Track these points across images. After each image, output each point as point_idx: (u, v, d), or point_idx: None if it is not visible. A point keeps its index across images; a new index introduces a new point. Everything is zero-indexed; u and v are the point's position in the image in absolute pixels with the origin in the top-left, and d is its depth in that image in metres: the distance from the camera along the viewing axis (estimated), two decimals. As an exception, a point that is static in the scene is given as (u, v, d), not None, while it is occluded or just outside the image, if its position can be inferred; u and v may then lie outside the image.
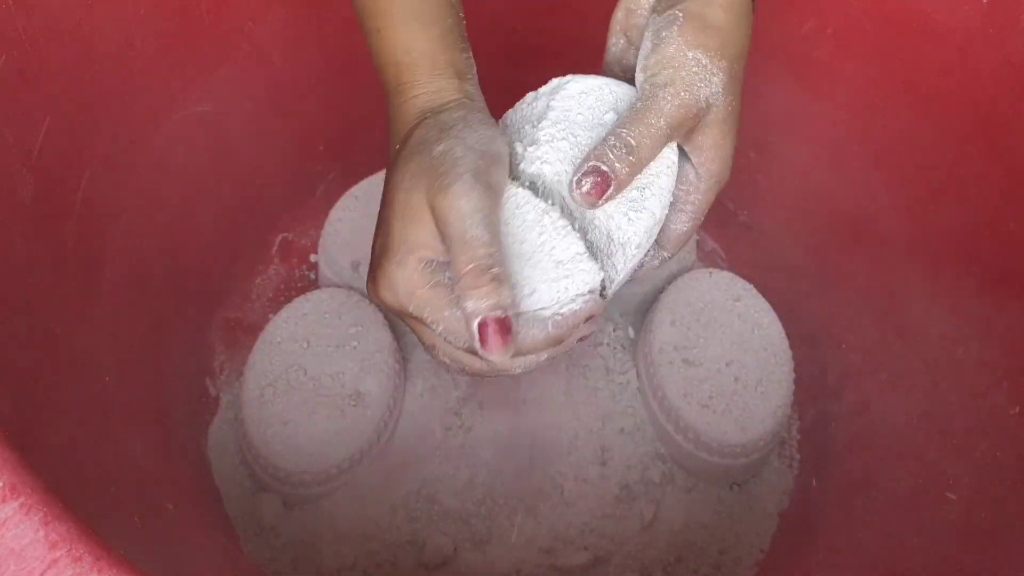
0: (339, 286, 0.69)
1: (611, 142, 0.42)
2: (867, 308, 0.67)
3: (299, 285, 0.75)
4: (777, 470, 0.68)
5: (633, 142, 0.41)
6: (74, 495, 0.33)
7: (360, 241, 0.69)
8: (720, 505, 0.65)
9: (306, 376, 0.63)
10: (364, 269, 0.68)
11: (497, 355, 0.39)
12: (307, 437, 0.61)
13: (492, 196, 0.40)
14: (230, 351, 0.71)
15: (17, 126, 0.48)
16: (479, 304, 0.39)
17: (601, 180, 0.41)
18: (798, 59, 0.66)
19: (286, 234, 0.78)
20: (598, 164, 0.41)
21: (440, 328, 0.41)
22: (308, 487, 0.62)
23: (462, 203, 0.39)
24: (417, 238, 0.40)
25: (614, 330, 0.72)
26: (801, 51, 0.65)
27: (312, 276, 0.76)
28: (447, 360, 0.43)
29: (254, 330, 0.72)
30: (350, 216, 0.70)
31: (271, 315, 0.70)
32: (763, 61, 0.67)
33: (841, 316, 0.69)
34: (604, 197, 0.42)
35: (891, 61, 0.60)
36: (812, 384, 0.71)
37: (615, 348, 0.71)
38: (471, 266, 0.39)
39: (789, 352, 0.66)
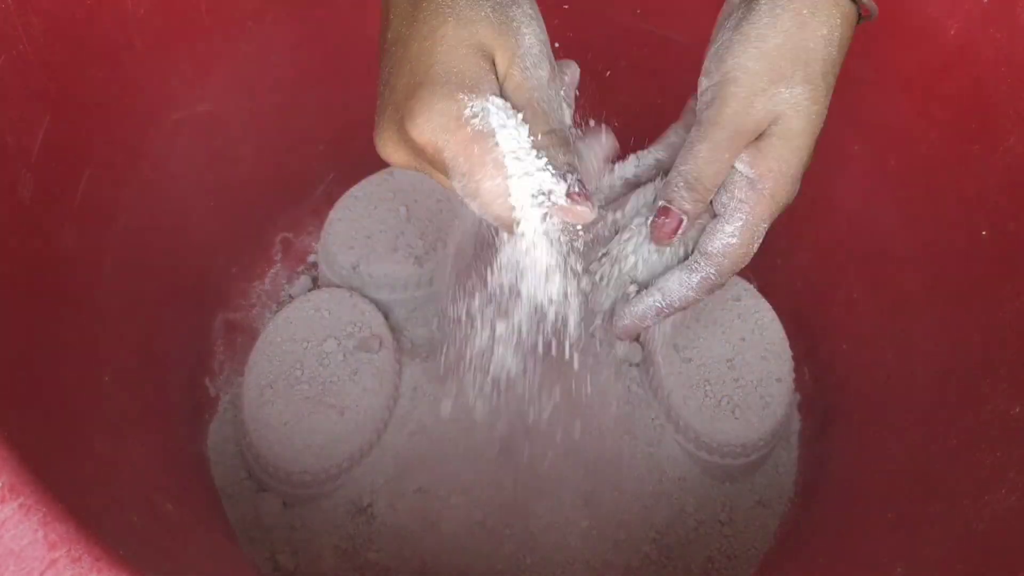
0: (339, 286, 0.69)
1: (676, 180, 0.43)
2: (867, 308, 0.67)
3: (299, 285, 0.75)
4: (777, 470, 0.68)
5: (693, 177, 0.42)
6: (74, 495, 0.33)
7: (360, 241, 0.69)
8: (720, 504, 0.65)
9: (306, 376, 0.63)
10: (364, 269, 0.68)
11: (586, 209, 0.37)
12: (307, 437, 0.61)
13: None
14: (230, 351, 0.71)
15: (17, 126, 0.48)
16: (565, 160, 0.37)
17: (671, 219, 0.43)
18: (798, 59, 0.66)
19: (286, 234, 0.78)
20: (668, 205, 0.43)
21: (468, 184, 0.36)
22: (308, 487, 0.62)
23: (544, 74, 0.38)
24: (475, 75, 0.37)
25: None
26: (801, 51, 0.65)
27: (312, 276, 0.76)
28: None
29: (254, 330, 0.72)
30: (350, 216, 0.70)
31: (271, 315, 0.70)
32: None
33: (841, 316, 0.69)
34: (679, 233, 0.43)
35: (891, 61, 0.60)
36: (812, 384, 0.71)
37: (616, 346, 0.71)
38: (553, 130, 0.38)
39: (789, 352, 0.66)
